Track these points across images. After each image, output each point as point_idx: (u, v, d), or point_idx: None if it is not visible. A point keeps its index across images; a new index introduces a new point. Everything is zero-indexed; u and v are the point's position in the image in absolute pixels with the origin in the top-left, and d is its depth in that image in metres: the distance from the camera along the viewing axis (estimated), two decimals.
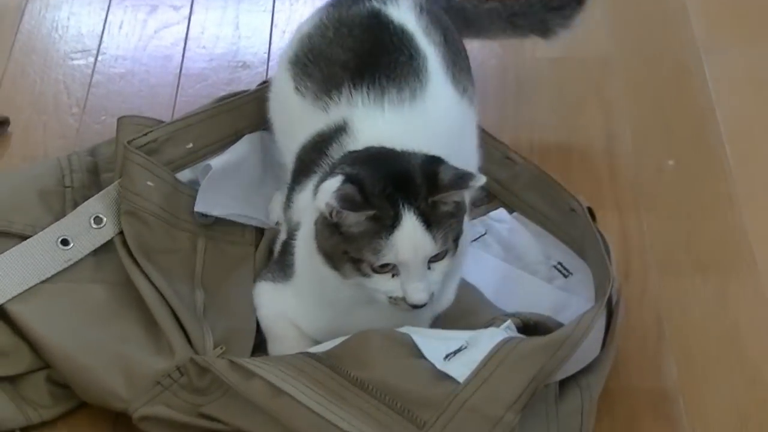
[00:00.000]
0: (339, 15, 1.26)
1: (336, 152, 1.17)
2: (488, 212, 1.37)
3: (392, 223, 1.07)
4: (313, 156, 1.20)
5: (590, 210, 1.28)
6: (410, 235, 1.07)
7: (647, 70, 1.62)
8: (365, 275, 1.09)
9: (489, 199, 1.39)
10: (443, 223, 1.09)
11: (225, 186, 1.34)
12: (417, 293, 1.09)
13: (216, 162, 1.35)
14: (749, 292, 1.33)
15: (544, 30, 1.43)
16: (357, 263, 1.09)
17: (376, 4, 1.25)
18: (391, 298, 1.10)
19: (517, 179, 1.37)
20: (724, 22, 1.68)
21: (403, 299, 1.10)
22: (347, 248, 1.09)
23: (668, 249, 1.38)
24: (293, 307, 1.19)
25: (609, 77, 1.61)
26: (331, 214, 1.08)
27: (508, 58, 1.63)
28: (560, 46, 1.60)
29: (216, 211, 1.32)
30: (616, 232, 1.39)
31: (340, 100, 1.19)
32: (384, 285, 1.10)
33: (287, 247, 1.21)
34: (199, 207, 1.32)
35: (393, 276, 1.10)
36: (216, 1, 1.73)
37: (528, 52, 1.63)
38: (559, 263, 1.33)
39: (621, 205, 1.43)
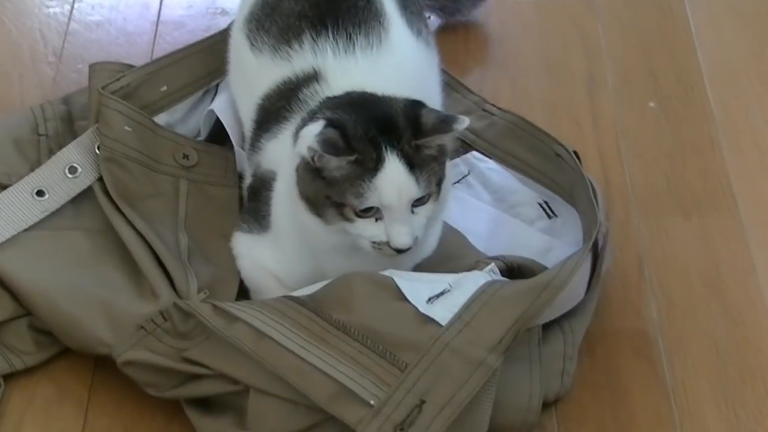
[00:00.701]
0: None
1: (310, 98, 1.17)
2: (470, 151, 1.36)
3: (375, 166, 1.07)
4: (280, 103, 1.19)
5: (576, 154, 1.28)
6: (393, 178, 1.07)
7: (629, 12, 1.61)
8: (348, 220, 1.09)
9: (465, 150, 1.38)
10: (426, 166, 1.08)
11: (236, 120, 1.33)
12: (401, 237, 1.09)
13: (216, 104, 1.35)
14: (730, 233, 1.34)
15: None
16: (340, 208, 1.09)
17: None
18: (374, 243, 1.10)
19: (494, 127, 1.37)
20: None
21: (387, 244, 1.09)
22: (330, 193, 1.09)
23: (650, 191, 1.38)
24: (272, 258, 1.19)
25: (591, 20, 1.60)
26: (313, 159, 1.08)
27: (491, 2, 1.62)
28: None
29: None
30: (598, 176, 1.39)
31: (302, 48, 1.20)
32: (367, 230, 1.09)
33: (259, 196, 1.20)
34: (240, 144, 1.30)
35: (377, 220, 1.09)
36: None
37: None
38: (545, 202, 1.32)
39: (603, 148, 1.43)
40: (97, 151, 1.28)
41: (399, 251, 1.10)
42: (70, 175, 1.28)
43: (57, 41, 1.57)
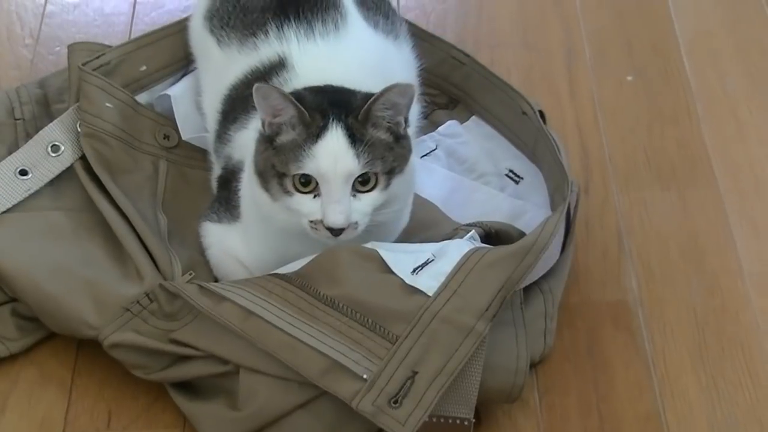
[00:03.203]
0: None
1: (278, 85, 1.17)
2: (438, 127, 1.38)
3: (318, 134, 1.07)
4: (248, 91, 1.18)
5: (541, 113, 1.30)
6: (332, 148, 1.07)
7: None
8: (288, 193, 1.09)
9: (453, 104, 1.41)
10: (371, 145, 1.08)
11: (193, 109, 1.33)
12: (334, 214, 1.07)
13: (174, 90, 1.35)
14: (707, 203, 1.35)
15: None
16: (282, 178, 1.08)
17: None
18: (311, 222, 1.09)
19: (470, 80, 1.39)
20: None
21: (322, 222, 1.08)
22: (275, 161, 1.09)
23: (628, 163, 1.40)
24: (241, 247, 1.19)
25: None
26: (264, 125, 1.09)
27: None
28: None
29: (197, 134, 1.32)
30: (576, 147, 1.41)
31: (267, 37, 1.21)
32: (305, 205, 1.09)
33: (229, 186, 1.21)
34: (187, 135, 1.32)
35: (315, 197, 1.09)
36: None
37: None
38: (510, 171, 1.34)
39: (581, 121, 1.44)
40: (79, 129, 1.28)
41: (332, 231, 1.08)
42: (53, 154, 1.28)
43: (34, 23, 1.56)
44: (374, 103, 1.08)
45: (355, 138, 1.08)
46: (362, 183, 1.09)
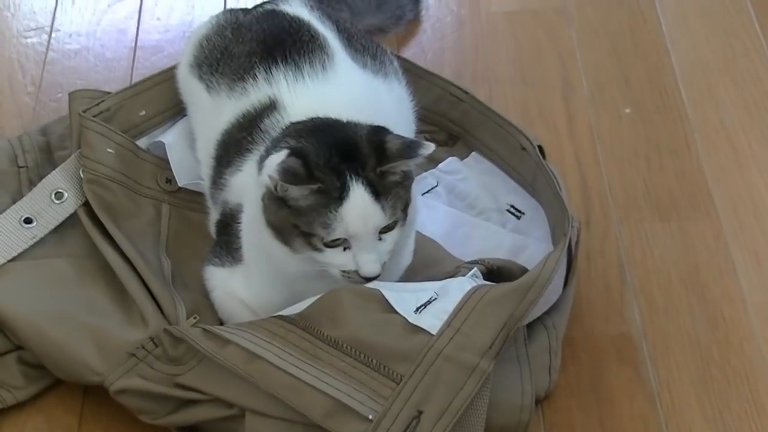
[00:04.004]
0: (236, 18, 1.32)
1: (270, 128, 1.18)
2: (438, 164, 1.39)
3: (340, 195, 1.08)
4: (241, 135, 1.21)
5: (540, 148, 1.30)
6: (359, 207, 1.08)
7: (601, 17, 1.63)
8: (317, 249, 1.10)
9: (453, 141, 1.42)
10: (391, 193, 1.09)
11: (187, 155, 1.35)
12: (369, 265, 1.09)
13: (167, 137, 1.36)
14: (708, 233, 1.35)
15: (401, 14, 1.60)
16: (308, 237, 1.09)
17: (269, 6, 1.33)
18: (343, 272, 1.11)
19: (469, 116, 1.40)
20: None
21: (356, 272, 1.10)
22: (297, 222, 1.09)
23: (628, 195, 1.40)
24: (245, 290, 1.20)
25: (564, 27, 1.61)
26: (276, 188, 1.08)
27: (463, 13, 1.64)
28: None
29: (194, 180, 1.33)
30: (576, 180, 1.41)
31: (256, 81, 1.22)
32: (336, 259, 1.10)
33: (229, 229, 1.21)
34: (183, 181, 1.33)
35: (344, 249, 1.10)
36: None
37: (483, 7, 1.65)
38: (511, 206, 1.35)
39: (580, 154, 1.45)
40: (81, 175, 1.29)
41: (368, 279, 1.10)
42: (56, 201, 1.29)
43: (36, 71, 1.58)
44: (394, 162, 1.08)
45: (377, 192, 1.08)
46: (387, 228, 1.10)
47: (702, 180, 1.41)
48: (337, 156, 1.08)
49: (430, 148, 1.10)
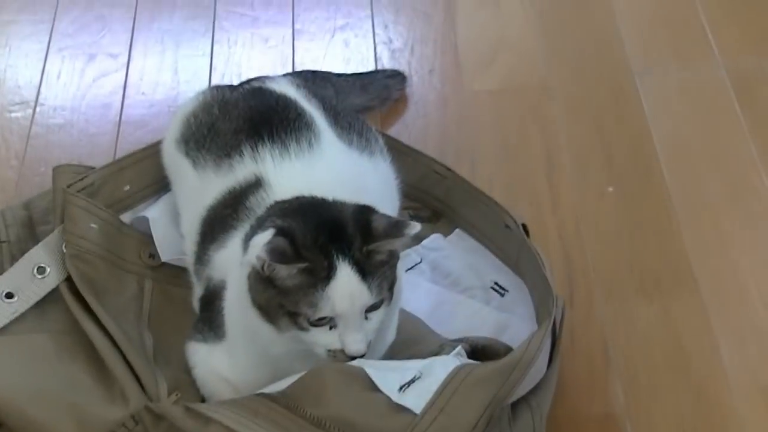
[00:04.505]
0: (223, 95, 1.33)
1: (255, 205, 1.19)
2: (422, 241, 1.39)
3: (327, 275, 1.08)
4: (226, 212, 1.21)
5: (524, 226, 1.31)
6: (346, 287, 1.08)
7: (584, 96, 1.64)
8: (302, 329, 1.09)
9: (437, 218, 1.42)
10: (378, 272, 1.09)
11: (171, 230, 1.34)
12: (355, 344, 1.09)
13: (151, 212, 1.36)
14: (691, 312, 1.35)
15: (386, 95, 1.62)
16: (294, 317, 1.09)
17: (256, 84, 1.34)
18: (329, 351, 1.10)
19: (452, 193, 1.40)
20: (656, 44, 1.71)
21: (342, 351, 1.10)
22: (283, 302, 1.09)
23: (611, 273, 1.40)
24: (228, 366, 1.19)
25: (546, 106, 1.63)
26: (263, 268, 1.08)
27: (446, 91, 1.65)
28: (497, 77, 1.63)
29: (177, 256, 1.32)
30: (559, 259, 1.41)
31: (242, 158, 1.23)
32: (322, 338, 1.10)
33: (212, 305, 1.21)
34: (166, 257, 1.33)
35: (330, 328, 1.10)
36: (154, 47, 1.74)
37: (466, 85, 1.66)
38: (495, 283, 1.35)
39: (563, 232, 1.45)
40: (64, 250, 1.28)
41: (353, 358, 1.10)
42: (39, 276, 1.28)
43: (19, 145, 1.58)
44: (380, 241, 1.09)
45: (364, 271, 1.08)
46: (373, 307, 1.10)
47: (685, 259, 1.41)
48: (324, 235, 1.08)
49: (416, 227, 1.10)
